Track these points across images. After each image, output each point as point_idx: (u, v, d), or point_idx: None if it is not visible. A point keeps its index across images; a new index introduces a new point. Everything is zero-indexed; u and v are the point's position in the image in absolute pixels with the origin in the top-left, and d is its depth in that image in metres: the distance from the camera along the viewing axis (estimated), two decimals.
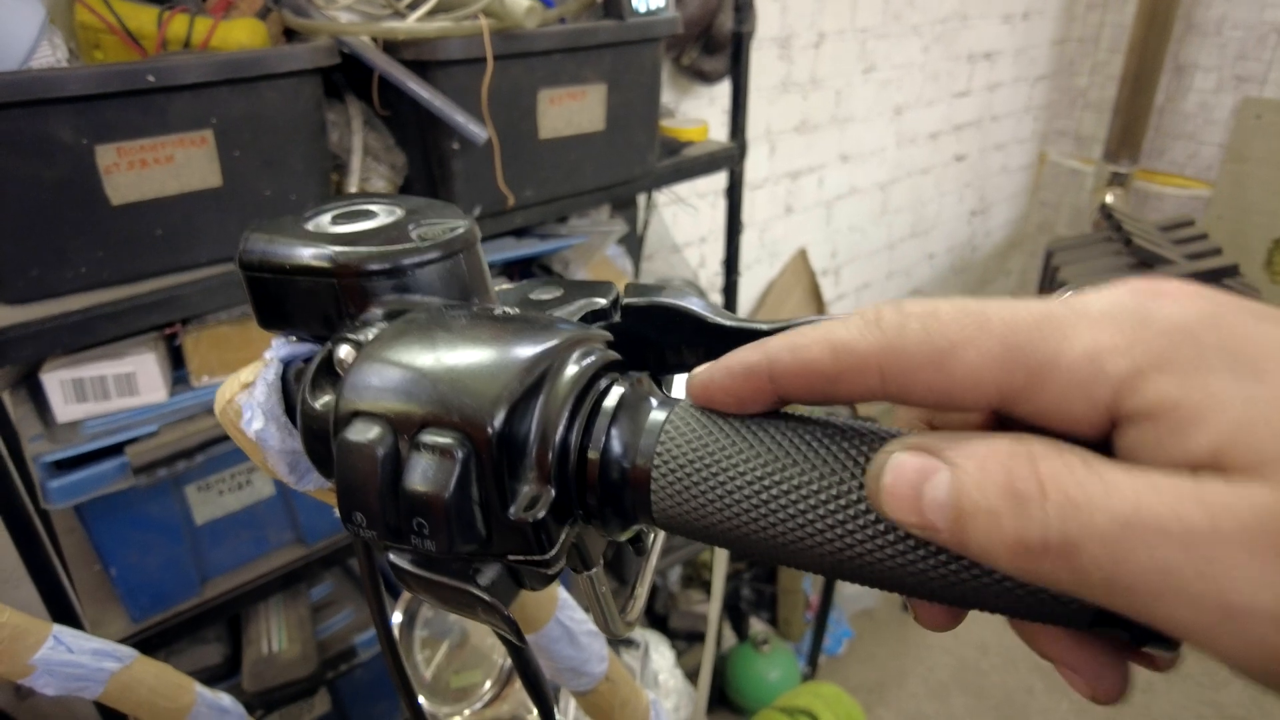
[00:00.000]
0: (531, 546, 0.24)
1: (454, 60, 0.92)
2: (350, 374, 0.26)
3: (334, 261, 0.30)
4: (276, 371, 0.32)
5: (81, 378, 0.89)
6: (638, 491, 0.25)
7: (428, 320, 0.27)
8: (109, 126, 0.78)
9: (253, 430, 0.31)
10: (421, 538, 0.24)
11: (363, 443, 0.24)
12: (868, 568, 0.22)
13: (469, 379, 0.24)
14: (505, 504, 0.24)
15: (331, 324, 0.31)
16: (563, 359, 0.26)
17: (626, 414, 0.25)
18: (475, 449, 0.23)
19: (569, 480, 0.25)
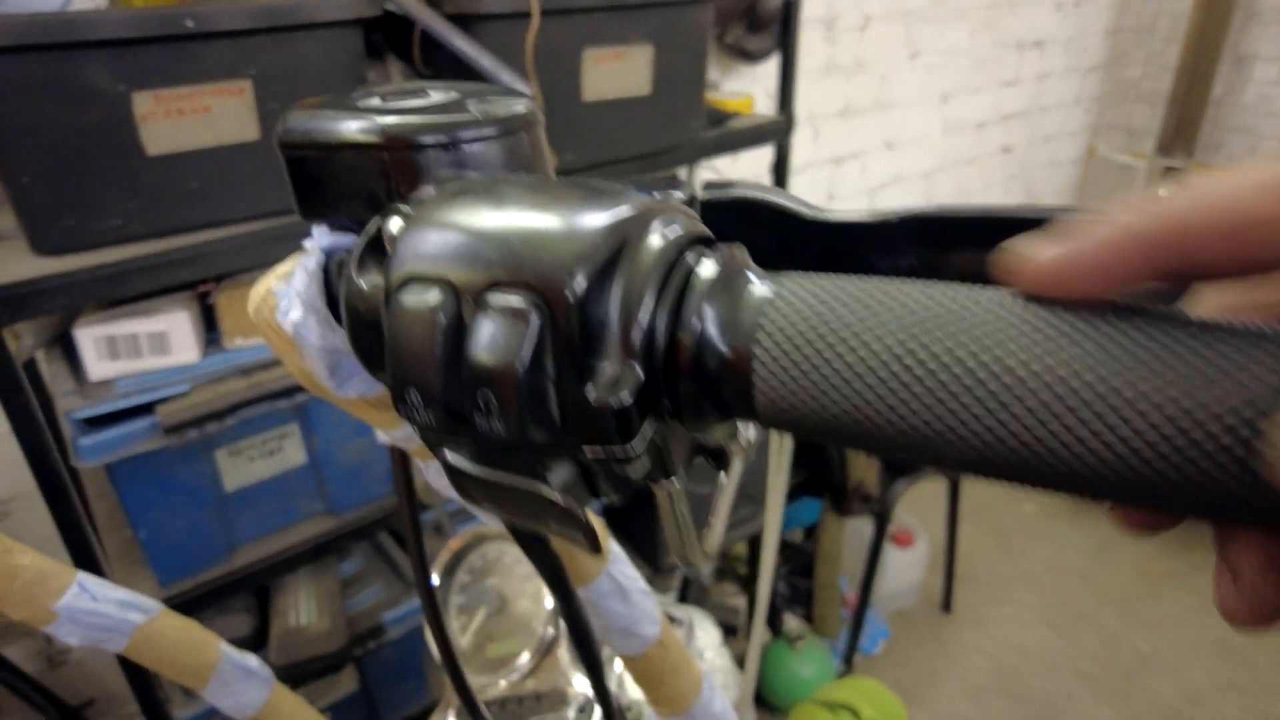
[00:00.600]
0: (612, 434, 0.21)
1: (497, 14, 0.89)
2: (403, 239, 0.22)
3: (384, 134, 0.26)
4: (318, 260, 0.28)
5: (114, 335, 0.87)
6: (738, 378, 0.21)
7: (489, 180, 0.24)
8: (147, 73, 0.76)
9: (289, 321, 0.27)
10: (487, 415, 0.20)
11: (420, 305, 0.21)
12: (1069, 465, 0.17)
13: (545, 235, 0.21)
14: (583, 382, 0.20)
15: (379, 206, 0.27)
16: (645, 226, 0.22)
17: (723, 288, 0.22)
18: (552, 314, 0.20)
19: (655, 365, 0.21)
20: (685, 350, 0.21)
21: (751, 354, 0.21)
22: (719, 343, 0.21)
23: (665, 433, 0.23)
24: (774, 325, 0.20)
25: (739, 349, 0.21)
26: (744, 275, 0.22)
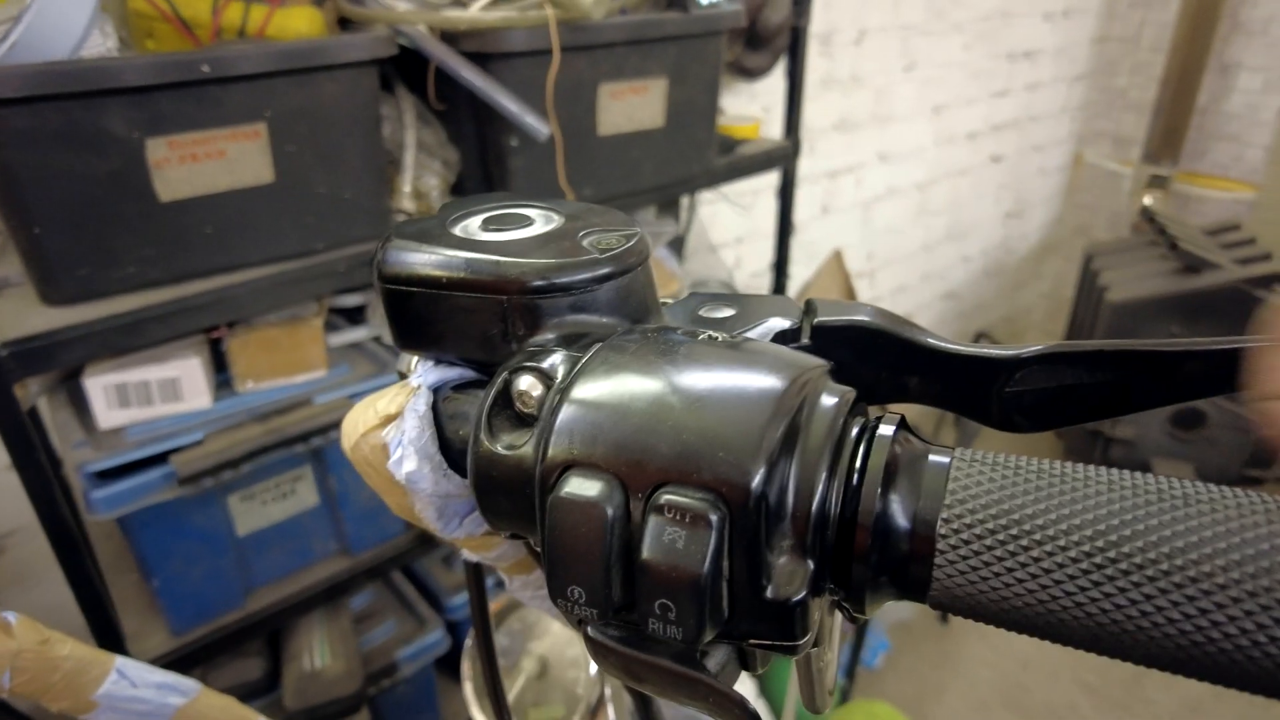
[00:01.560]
0: (782, 630, 0.20)
1: (516, 52, 0.87)
2: (559, 415, 0.21)
3: (502, 275, 0.25)
4: (428, 401, 0.27)
5: (125, 382, 0.85)
6: (917, 562, 0.20)
7: (640, 349, 0.23)
8: (161, 118, 0.74)
9: (403, 473, 0.26)
10: (664, 623, 0.19)
11: (586, 500, 0.20)
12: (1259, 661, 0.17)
13: (718, 425, 0.20)
14: (757, 579, 0.20)
15: (492, 347, 0.26)
16: (811, 398, 0.21)
17: (897, 464, 0.21)
18: (730, 513, 0.19)
19: (827, 549, 0.20)
20: (863, 533, 0.20)
21: (934, 541, 0.20)
22: (901, 528, 0.20)
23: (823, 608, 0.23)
24: (957, 514, 0.20)
25: (922, 536, 0.20)
26: (923, 455, 0.21)
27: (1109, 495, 0.19)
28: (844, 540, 0.20)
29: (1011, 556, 0.19)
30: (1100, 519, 0.18)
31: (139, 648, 0.92)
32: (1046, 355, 0.26)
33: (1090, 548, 0.18)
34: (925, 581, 0.20)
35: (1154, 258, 2.28)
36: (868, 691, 1.90)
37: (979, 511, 0.19)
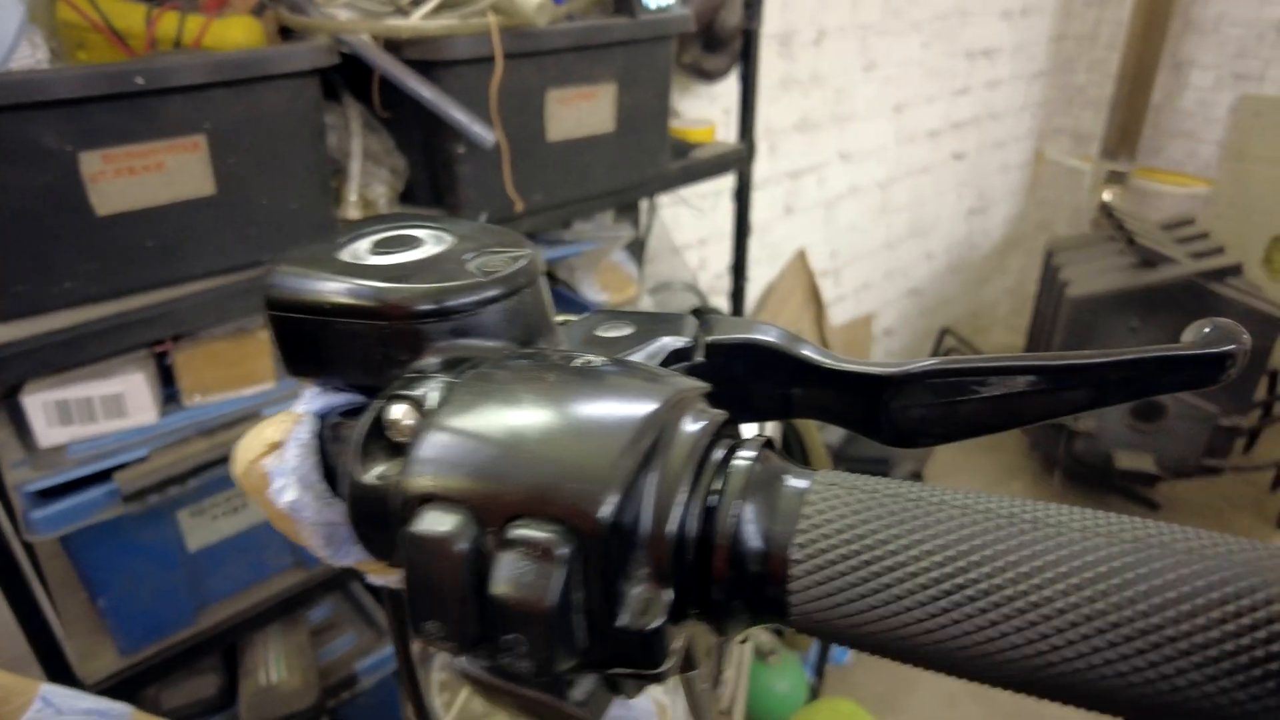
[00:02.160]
0: (642, 658, 0.20)
1: (460, 60, 0.87)
2: (420, 446, 0.21)
3: (383, 300, 0.25)
4: (311, 429, 0.27)
5: (66, 399, 0.83)
6: (774, 585, 0.20)
7: (507, 377, 0.23)
8: (95, 132, 0.73)
9: (284, 502, 0.26)
10: (515, 656, 0.19)
11: (439, 535, 0.20)
12: (1115, 691, 0.17)
13: (571, 455, 0.20)
14: (613, 610, 0.20)
15: (376, 371, 0.26)
16: (673, 423, 0.21)
17: (756, 488, 0.21)
18: (581, 544, 0.19)
19: (687, 574, 0.21)
20: (720, 557, 0.21)
21: (788, 565, 0.20)
22: (755, 550, 0.20)
23: (691, 631, 0.23)
24: (811, 539, 0.20)
25: (776, 558, 0.20)
26: (779, 476, 0.22)
27: (960, 520, 0.19)
28: (703, 564, 0.21)
29: (863, 582, 0.19)
30: (950, 544, 0.19)
31: (87, 669, 0.91)
32: (931, 372, 0.26)
33: (938, 574, 0.18)
34: (783, 604, 0.20)
35: (1113, 253, 2.32)
36: (838, 688, 1.91)
37: (832, 536, 0.20)
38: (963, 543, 0.19)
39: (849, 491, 0.20)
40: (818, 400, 0.28)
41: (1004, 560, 0.18)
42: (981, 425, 0.27)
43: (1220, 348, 0.24)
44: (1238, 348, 0.24)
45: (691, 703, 0.26)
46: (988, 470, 2.53)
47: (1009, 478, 2.50)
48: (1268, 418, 2.33)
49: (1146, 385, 0.25)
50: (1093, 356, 0.25)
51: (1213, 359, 0.24)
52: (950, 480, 2.44)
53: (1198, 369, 0.24)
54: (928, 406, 0.27)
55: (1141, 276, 2.15)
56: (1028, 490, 2.44)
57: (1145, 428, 2.23)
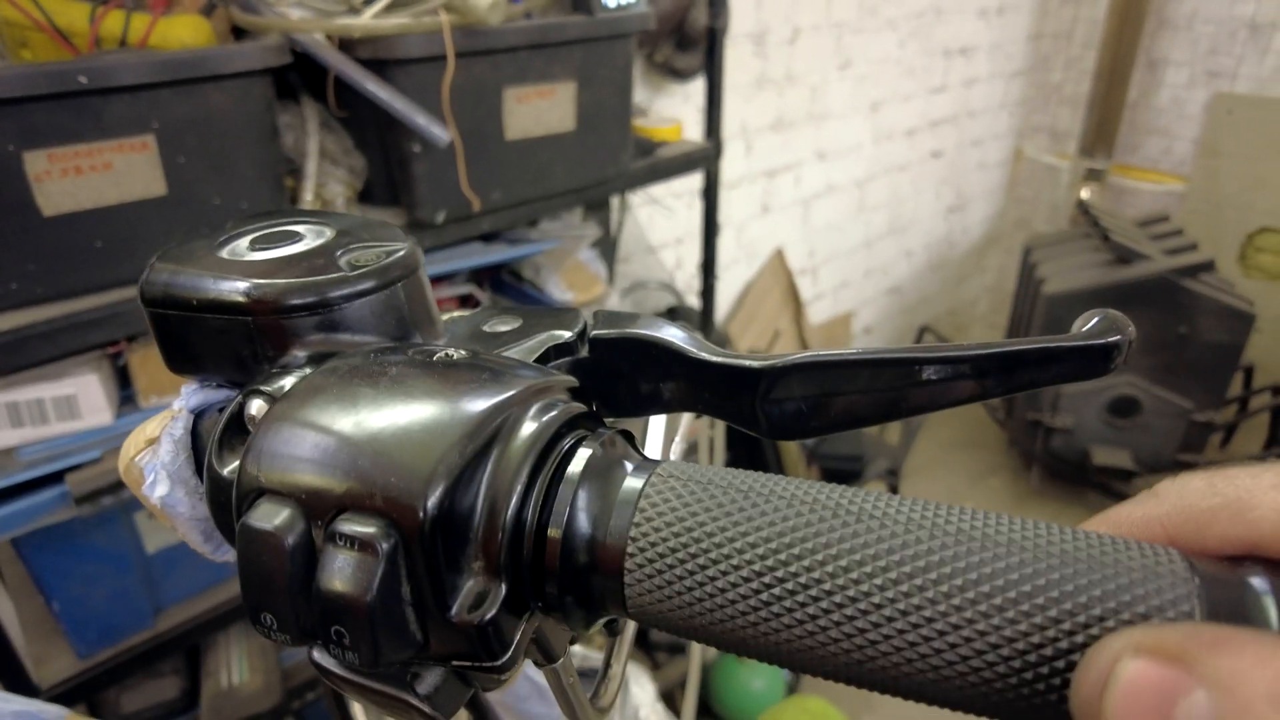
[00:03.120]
0: (480, 650, 0.20)
1: (413, 58, 0.87)
2: (255, 439, 0.21)
3: (247, 295, 0.25)
4: (185, 425, 0.27)
5: (16, 401, 0.82)
6: (608, 578, 0.20)
7: (350, 370, 0.23)
8: (38, 131, 0.72)
9: (156, 496, 0.26)
10: (341, 647, 0.19)
11: (267, 530, 0.20)
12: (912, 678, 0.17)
13: (395, 448, 0.20)
14: (444, 603, 0.20)
15: (246, 368, 0.26)
16: (516, 416, 0.21)
17: (594, 481, 0.21)
18: (403, 538, 0.19)
19: (523, 568, 0.21)
20: (553, 548, 0.21)
21: (622, 555, 0.20)
22: (587, 540, 0.21)
23: (542, 624, 0.23)
24: (645, 526, 0.20)
25: (610, 547, 0.20)
26: (621, 466, 0.22)
27: (786, 511, 0.19)
28: (539, 556, 0.21)
29: (691, 575, 0.19)
30: (773, 535, 0.19)
31: (43, 673, 0.90)
32: (802, 365, 0.26)
33: (759, 566, 0.19)
34: (619, 596, 0.20)
35: (1089, 249, 2.33)
36: (815, 685, 1.91)
37: (663, 529, 0.20)
38: (785, 534, 0.19)
39: (684, 484, 0.21)
40: (697, 394, 0.28)
41: (824, 553, 0.18)
42: (858, 418, 0.27)
43: (1106, 339, 0.24)
44: (1123, 338, 0.24)
45: (560, 699, 0.26)
46: (966, 467, 2.54)
47: (987, 474, 2.51)
48: (1243, 413, 2.34)
49: (1031, 377, 0.25)
50: (972, 348, 0.25)
51: (1098, 350, 0.24)
52: (927, 478, 2.45)
53: (1083, 359, 0.24)
54: (802, 399, 0.27)
55: (1116, 273, 2.16)
56: (1006, 486, 2.45)
57: (1121, 423, 2.25)
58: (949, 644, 0.17)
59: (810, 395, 0.27)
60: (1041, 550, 0.17)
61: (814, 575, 0.18)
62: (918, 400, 0.26)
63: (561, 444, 0.22)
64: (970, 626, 0.17)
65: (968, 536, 0.18)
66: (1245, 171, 2.44)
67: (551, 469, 0.21)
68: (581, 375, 0.29)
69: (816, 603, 0.18)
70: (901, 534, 0.18)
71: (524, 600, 0.21)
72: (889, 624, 0.17)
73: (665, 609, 0.20)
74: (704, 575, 0.19)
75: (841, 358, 0.26)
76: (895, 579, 0.17)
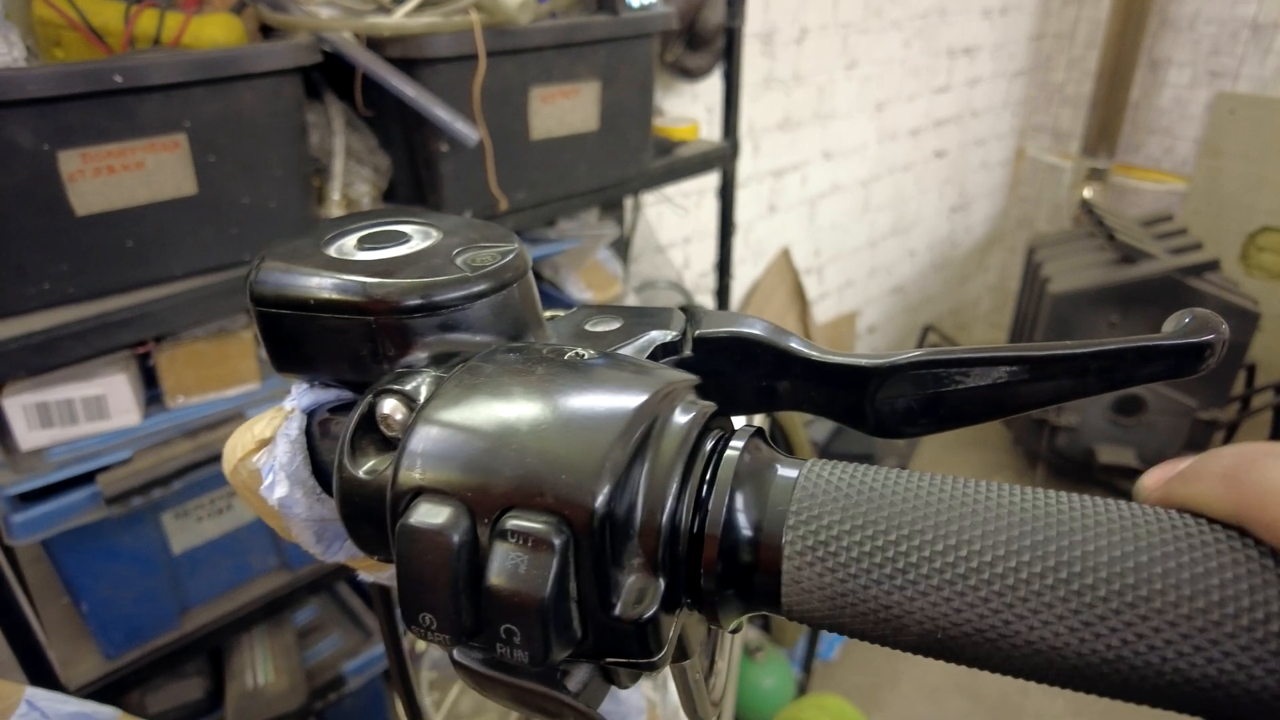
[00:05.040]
0: (637, 647, 0.20)
1: (443, 57, 0.87)
2: (410, 439, 0.21)
3: (369, 296, 0.25)
4: (300, 425, 0.27)
5: (46, 401, 0.82)
6: (765, 576, 0.20)
7: (496, 370, 0.23)
8: (72, 130, 0.72)
9: (275, 498, 0.26)
10: (510, 646, 0.19)
11: (433, 528, 0.20)
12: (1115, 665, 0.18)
13: (563, 446, 0.20)
14: (607, 600, 0.20)
15: (364, 368, 0.26)
16: (664, 414, 0.21)
17: (748, 480, 0.21)
18: (574, 535, 0.19)
19: (679, 566, 0.21)
20: (711, 546, 0.21)
21: (781, 552, 0.20)
22: (747, 539, 0.21)
23: (684, 620, 0.23)
24: (803, 522, 0.20)
25: (768, 546, 0.20)
26: (770, 465, 0.22)
27: (936, 505, 0.19)
28: (695, 554, 0.21)
29: (855, 563, 0.19)
30: (941, 524, 0.19)
31: (70, 674, 0.90)
32: (914, 363, 0.26)
33: (930, 552, 0.19)
34: (775, 592, 0.20)
35: (1093, 249, 2.34)
36: (824, 683, 1.92)
37: (823, 518, 0.20)
38: (952, 524, 0.19)
39: (835, 483, 0.21)
40: (804, 392, 0.29)
41: (994, 539, 0.18)
42: (966, 415, 0.27)
43: (1199, 338, 0.24)
44: (1216, 337, 0.24)
45: (683, 693, 0.26)
46: (972, 465, 2.55)
47: (992, 473, 2.52)
48: (1245, 411, 2.36)
49: (1128, 375, 0.25)
50: (1075, 346, 0.25)
51: (1191, 349, 0.24)
52: None
53: (1177, 358, 0.24)
54: (912, 398, 0.27)
55: (1121, 272, 2.18)
56: None
57: (1126, 422, 2.26)
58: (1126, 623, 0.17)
59: (920, 394, 0.27)
60: (1181, 541, 0.17)
61: (985, 559, 0.18)
62: (1023, 398, 0.26)
63: (705, 443, 0.22)
64: (1121, 612, 0.17)
65: (1110, 523, 0.18)
66: (1247, 171, 2.45)
67: (702, 467, 0.21)
68: None
69: (989, 585, 0.18)
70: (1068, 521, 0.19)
71: (677, 597, 0.21)
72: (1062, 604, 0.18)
73: (824, 598, 0.20)
74: (858, 568, 0.19)
75: (953, 356, 0.26)
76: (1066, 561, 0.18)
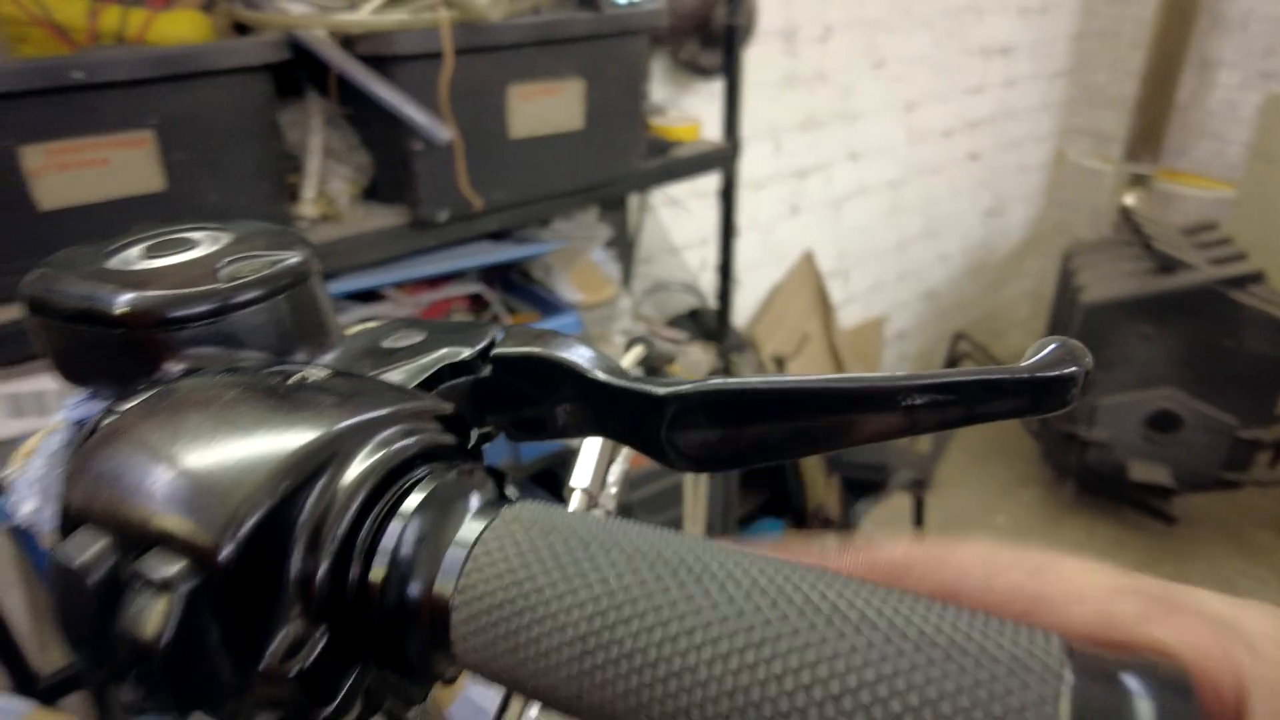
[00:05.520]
0: (305, 699, 0.18)
1: (413, 55, 0.86)
2: (78, 458, 0.20)
3: (114, 307, 0.24)
4: (63, 438, 0.26)
5: (17, 393, 0.83)
6: (434, 629, 0.18)
7: (188, 392, 0.21)
8: (35, 126, 0.73)
9: (21, 514, 0.25)
10: (141, 695, 0.18)
11: (73, 565, 0.18)
12: None
13: (204, 482, 0.18)
14: (257, 650, 0.18)
15: (127, 381, 0.25)
16: (352, 447, 0.19)
17: (429, 521, 0.19)
18: (209, 579, 0.17)
19: (347, 614, 0.19)
20: (374, 590, 0.19)
21: (447, 609, 0.18)
22: (416, 593, 0.19)
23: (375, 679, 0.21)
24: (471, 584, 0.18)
25: (437, 596, 0.18)
26: (463, 504, 0.20)
27: (624, 568, 0.17)
28: (364, 602, 0.19)
29: (516, 633, 0.17)
30: (603, 595, 0.17)
31: (46, 659, 0.91)
32: (704, 393, 0.24)
33: (585, 629, 0.17)
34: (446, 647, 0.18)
35: (1130, 257, 2.25)
36: None
37: (492, 581, 0.18)
38: (616, 594, 0.17)
39: (526, 529, 0.19)
40: (603, 420, 0.27)
41: (653, 618, 0.16)
42: (770, 450, 0.25)
43: (1058, 370, 0.21)
44: (1078, 369, 0.21)
45: None
46: (999, 479, 2.47)
47: (1020, 486, 2.45)
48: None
49: (968, 413, 0.22)
50: (901, 378, 0.23)
51: (1050, 382, 0.21)
52: (957, 489, 2.39)
53: (1034, 393, 0.22)
54: (708, 431, 0.25)
55: (1158, 282, 2.09)
56: (1039, 500, 2.38)
57: (1160, 438, 2.16)
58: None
59: (718, 427, 0.25)
60: (896, 631, 0.15)
61: (638, 643, 0.16)
62: (835, 434, 0.24)
63: (408, 478, 0.20)
64: (801, 715, 0.14)
65: (814, 609, 0.15)
66: None
67: (387, 506, 0.19)
68: (483, 396, 0.28)
69: (638, 673, 0.16)
70: (740, 600, 0.16)
71: (353, 650, 0.19)
72: (711, 705, 0.15)
73: (492, 665, 0.18)
74: (529, 634, 0.17)
75: (750, 386, 0.24)
76: (724, 653, 0.15)
